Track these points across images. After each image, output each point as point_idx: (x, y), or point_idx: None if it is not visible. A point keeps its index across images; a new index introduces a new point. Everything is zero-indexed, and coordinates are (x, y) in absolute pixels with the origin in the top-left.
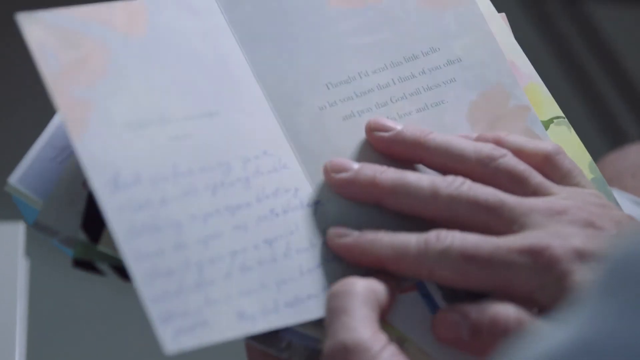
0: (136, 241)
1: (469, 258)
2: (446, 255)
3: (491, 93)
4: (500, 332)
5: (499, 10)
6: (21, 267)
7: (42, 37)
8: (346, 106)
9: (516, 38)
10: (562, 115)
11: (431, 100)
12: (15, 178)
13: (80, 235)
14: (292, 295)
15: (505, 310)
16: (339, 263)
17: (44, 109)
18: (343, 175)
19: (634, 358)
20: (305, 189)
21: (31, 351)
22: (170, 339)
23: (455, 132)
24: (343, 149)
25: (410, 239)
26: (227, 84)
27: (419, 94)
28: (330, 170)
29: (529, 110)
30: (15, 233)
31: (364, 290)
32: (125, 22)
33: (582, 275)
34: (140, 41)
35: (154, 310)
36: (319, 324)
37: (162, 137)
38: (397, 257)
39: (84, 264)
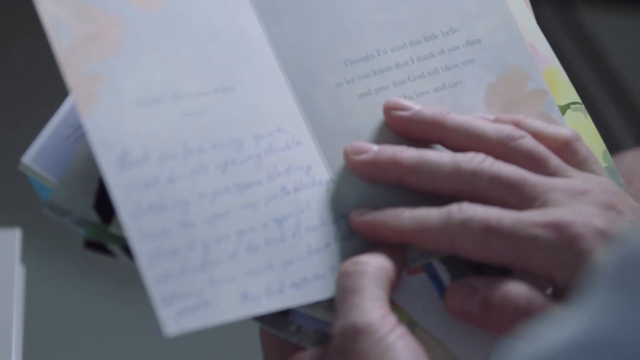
0: (141, 220)
1: (491, 230)
2: (468, 226)
3: (509, 76)
4: (510, 309)
5: None
6: (17, 273)
7: (55, 11)
8: (363, 83)
9: None
10: (579, 101)
11: (449, 81)
12: (29, 157)
13: (92, 217)
14: (299, 276)
15: (517, 289)
16: (349, 241)
17: (60, 87)
18: (363, 157)
19: (638, 355)
20: (319, 166)
21: (27, 358)
22: (172, 320)
23: (471, 113)
24: (358, 127)
25: (431, 212)
26: (243, 59)
27: (437, 73)
28: (350, 153)
29: (546, 95)
30: (11, 239)
31: (376, 270)
32: None
33: (602, 255)
34: (157, 14)
35: (156, 291)
36: (329, 307)
37: (174, 113)
38: (420, 228)
39: (96, 246)
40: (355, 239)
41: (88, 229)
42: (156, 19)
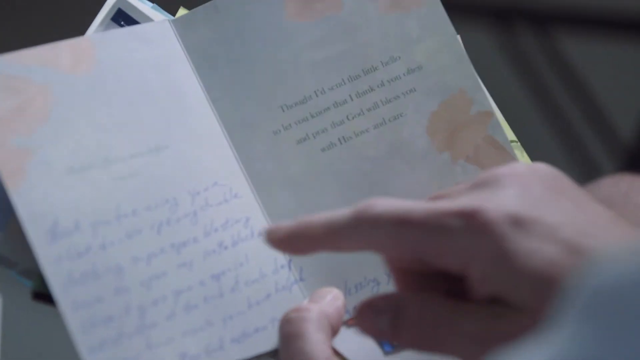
0: (74, 290)
1: (403, 222)
2: (379, 221)
3: (452, 100)
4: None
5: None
6: None
7: None
8: (301, 128)
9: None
10: (516, 139)
11: (389, 114)
12: None
13: (39, 268)
14: (239, 330)
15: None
16: (289, 291)
17: None
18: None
19: None
20: (257, 217)
21: None
22: None
23: (413, 147)
24: (297, 174)
25: (342, 212)
26: (178, 116)
27: (376, 108)
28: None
29: (491, 117)
30: None
31: (317, 316)
32: (70, 61)
33: (517, 243)
34: (87, 78)
35: None
36: (274, 356)
37: (106, 178)
38: (331, 232)
39: (43, 297)
40: (295, 287)
41: (35, 280)
42: (86, 83)
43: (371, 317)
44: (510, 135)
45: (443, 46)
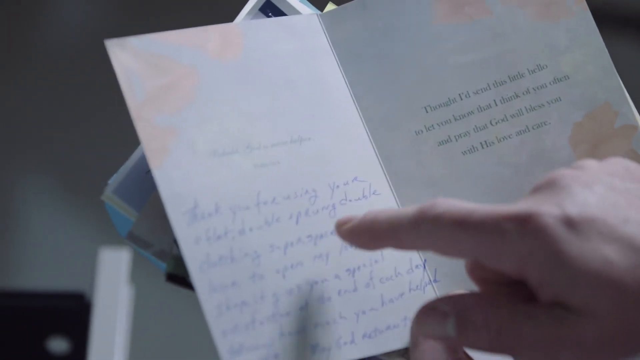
0: (210, 273)
1: (461, 224)
2: (439, 222)
3: (597, 112)
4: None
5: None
6: (124, 294)
7: (129, 64)
8: (443, 130)
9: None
10: None
11: (533, 122)
12: (111, 188)
13: (174, 250)
14: (371, 327)
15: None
16: (423, 291)
17: None
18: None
19: None
20: None
21: None
22: None
23: (555, 156)
24: (436, 176)
25: (407, 210)
26: (321, 108)
27: (520, 115)
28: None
29: (635, 131)
30: (119, 259)
31: None
32: (218, 46)
33: (571, 245)
34: (233, 65)
35: (223, 344)
36: (404, 354)
37: (247, 164)
38: (394, 230)
39: (177, 279)
40: (429, 287)
41: (169, 262)
42: (232, 70)
43: (436, 320)
44: None
45: (591, 58)
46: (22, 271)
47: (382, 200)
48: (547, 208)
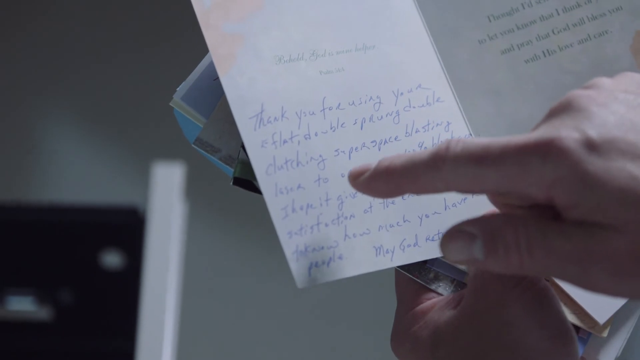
0: (277, 176)
1: (480, 160)
2: (458, 161)
3: None
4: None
5: None
6: (177, 208)
7: None
8: (506, 39)
9: None
10: None
11: (594, 31)
12: (179, 95)
13: (241, 154)
14: (434, 230)
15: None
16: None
17: None
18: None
19: None
20: (458, 122)
21: (185, 293)
22: (304, 274)
23: (616, 64)
24: (499, 84)
25: (422, 154)
26: (385, 17)
27: (582, 24)
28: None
29: None
30: (172, 174)
31: None
32: None
33: (595, 165)
34: None
35: (289, 245)
36: None
37: (313, 71)
38: (411, 175)
39: (243, 183)
40: None
41: (236, 166)
42: None
43: (463, 243)
44: None
45: None
46: (76, 187)
47: (445, 107)
48: (566, 132)
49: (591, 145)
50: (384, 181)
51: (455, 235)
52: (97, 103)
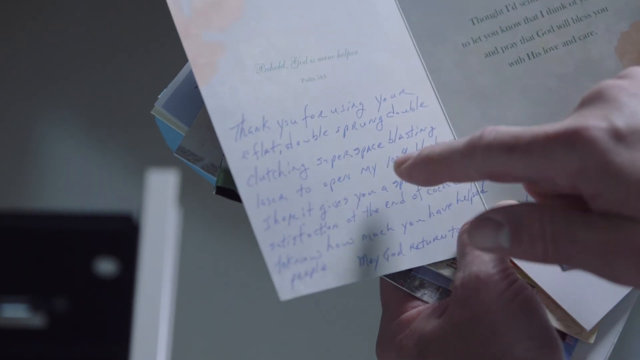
0: (258, 187)
1: (510, 149)
2: (490, 150)
3: None
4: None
5: None
6: (171, 215)
7: None
8: (490, 42)
9: None
10: None
11: (579, 33)
12: (161, 102)
13: (224, 163)
14: (418, 238)
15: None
16: (470, 203)
17: None
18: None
19: None
20: (442, 127)
21: (179, 296)
22: (287, 286)
23: (602, 66)
24: (484, 87)
25: (458, 142)
26: (369, 22)
27: (567, 26)
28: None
29: None
30: (166, 180)
31: None
32: None
33: (621, 155)
34: None
35: (271, 257)
36: (452, 264)
37: (294, 79)
38: (447, 163)
39: (226, 192)
40: (476, 198)
41: (219, 175)
42: None
43: (490, 231)
44: None
45: None
46: (70, 193)
47: (429, 112)
48: (593, 122)
49: (618, 136)
50: (423, 169)
51: (482, 223)
52: (91, 110)
